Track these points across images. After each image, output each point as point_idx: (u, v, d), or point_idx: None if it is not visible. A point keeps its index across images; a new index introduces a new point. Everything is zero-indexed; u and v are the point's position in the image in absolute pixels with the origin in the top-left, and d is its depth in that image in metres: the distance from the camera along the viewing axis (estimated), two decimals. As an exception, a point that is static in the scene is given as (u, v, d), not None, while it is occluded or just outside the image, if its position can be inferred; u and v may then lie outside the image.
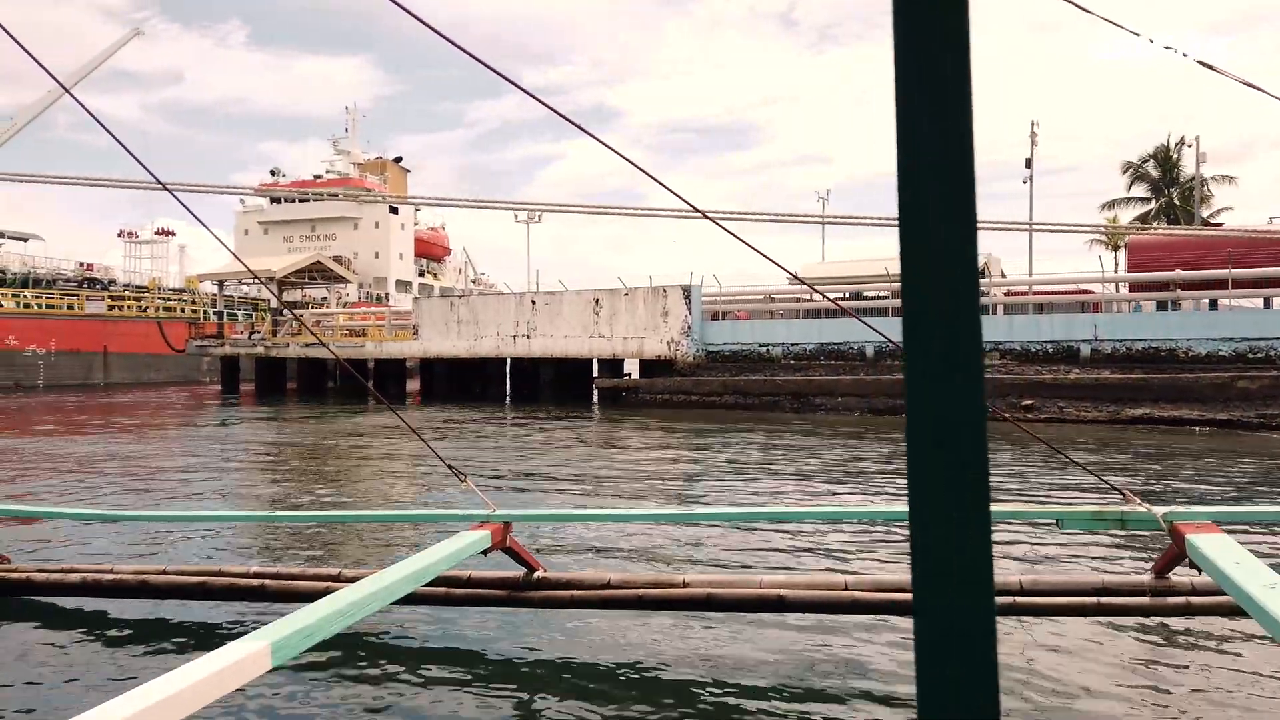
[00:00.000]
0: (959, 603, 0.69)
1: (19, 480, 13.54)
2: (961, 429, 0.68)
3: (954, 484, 0.68)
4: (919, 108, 0.68)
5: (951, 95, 0.68)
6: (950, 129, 0.68)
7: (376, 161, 78.41)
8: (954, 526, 0.68)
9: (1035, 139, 43.37)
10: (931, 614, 0.69)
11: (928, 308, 0.69)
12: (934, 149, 0.68)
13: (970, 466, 0.68)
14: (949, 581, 0.69)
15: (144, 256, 72.33)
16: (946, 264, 0.69)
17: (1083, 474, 12.11)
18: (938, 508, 0.69)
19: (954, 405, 0.68)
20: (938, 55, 0.67)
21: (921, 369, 0.69)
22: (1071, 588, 4.84)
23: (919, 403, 0.69)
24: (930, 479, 0.69)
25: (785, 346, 29.24)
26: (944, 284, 0.69)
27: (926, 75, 0.68)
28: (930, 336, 0.69)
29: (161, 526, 9.08)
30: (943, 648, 0.69)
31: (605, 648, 5.53)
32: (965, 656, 0.69)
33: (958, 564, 0.69)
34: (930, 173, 0.68)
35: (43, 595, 6.30)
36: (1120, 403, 22.46)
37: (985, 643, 0.68)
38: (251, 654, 3.24)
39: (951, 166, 0.68)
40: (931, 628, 0.69)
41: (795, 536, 8.66)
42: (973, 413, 0.68)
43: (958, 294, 0.68)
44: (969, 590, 0.69)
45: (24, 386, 43.92)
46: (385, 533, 9.08)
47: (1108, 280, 29.79)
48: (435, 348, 35.88)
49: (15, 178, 6.95)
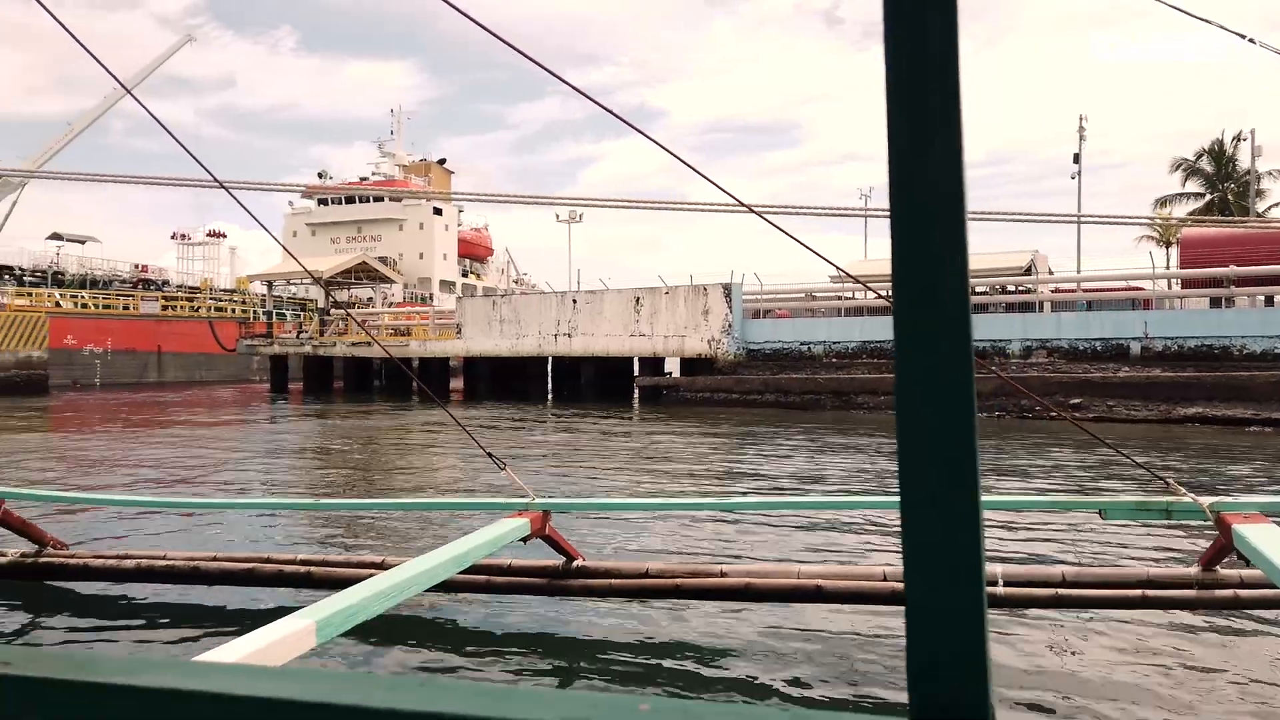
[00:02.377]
0: (949, 591, 0.69)
1: (79, 469, 13.96)
2: (950, 414, 0.68)
3: (943, 472, 0.69)
4: (909, 99, 0.69)
5: (938, 98, 0.68)
6: (938, 122, 0.68)
7: (421, 164, 79.35)
8: (943, 515, 0.69)
9: (1083, 134, 42.57)
10: (922, 602, 0.70)
11: (917, 292, 0.69)
12: (922, 142, 0.68)
13: (959, 452, 0.68)
14: (939, 570, 0.69)
15: (196, 258, 74.04)
16: (934, 247, 0.69)
17: (1127, 467, 11.89)
18: (926, 496, 0.69)
19: (943, 389, 0.69)
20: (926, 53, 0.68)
21: (911, 357, 0.69)
22: (1115, 580, 4.77)
23: (909, 389, 0.69)
24: (919, 466, 0.69)
25: (827, 345, 29.03)
26: (933, 266, 0.69)
27: (914, 67, 0.68)
28: (918, 323, 0.69)
29: (212, 514, 9.32)
30: (934, 640, 0.69)
31: (644, 636, 5.57)
32: (957, 649, 0.69)
33: (947, 553, 0.69)
34: (920, 157, 0.69)
35: (99, 580, 6.50)
36: (1171, 402, 21.96)
37: (976, 635, 0.68)
38: (296, 631, 3.33)
39: (941, 155, 0.68)
40: (922, 620, 0.70)
41: (833, 527, 8.62)
42: (961, 397, 0.68)
43: (947, 276, 0.68)
44: (959, 579, 0.69)
45: (82, 385, 45.14)
46: (427, 521, 9.22)
47: (1159, 276, 29.13)
48: (478, 347, 36.22)
49: (80, 177, 7.17)
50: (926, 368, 0.69)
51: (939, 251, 0.68)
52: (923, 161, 0.69)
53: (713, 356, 30.25)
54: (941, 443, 0.69)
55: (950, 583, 0.69)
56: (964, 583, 0.69)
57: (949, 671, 0.69)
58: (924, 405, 0.69)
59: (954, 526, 0.68)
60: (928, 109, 0.69)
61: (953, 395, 0.68)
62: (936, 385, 0.69)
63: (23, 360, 38.97)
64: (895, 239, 0.70)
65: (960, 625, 0.69)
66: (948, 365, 0.68)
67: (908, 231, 0.69)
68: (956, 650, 0.69)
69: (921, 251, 0.69)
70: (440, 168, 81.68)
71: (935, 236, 0.69)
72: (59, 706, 0.70)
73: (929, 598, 0.69)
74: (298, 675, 0.69)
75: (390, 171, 76.10)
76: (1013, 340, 26.28)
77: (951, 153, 0.68)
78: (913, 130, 0.69)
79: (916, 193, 0.69)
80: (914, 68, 0.69)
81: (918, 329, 0.69)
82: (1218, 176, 47.48)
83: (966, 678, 0.69)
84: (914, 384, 0.69)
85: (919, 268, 0.69)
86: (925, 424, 0.69)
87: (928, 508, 0.69)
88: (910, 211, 0.69)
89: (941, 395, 0.69)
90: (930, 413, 0.69)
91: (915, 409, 0.69)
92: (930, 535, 0.69)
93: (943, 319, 0.68)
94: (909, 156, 0.69)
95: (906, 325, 0.69)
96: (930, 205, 0.69)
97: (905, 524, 0.70)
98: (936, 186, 0.68)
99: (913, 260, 0.69)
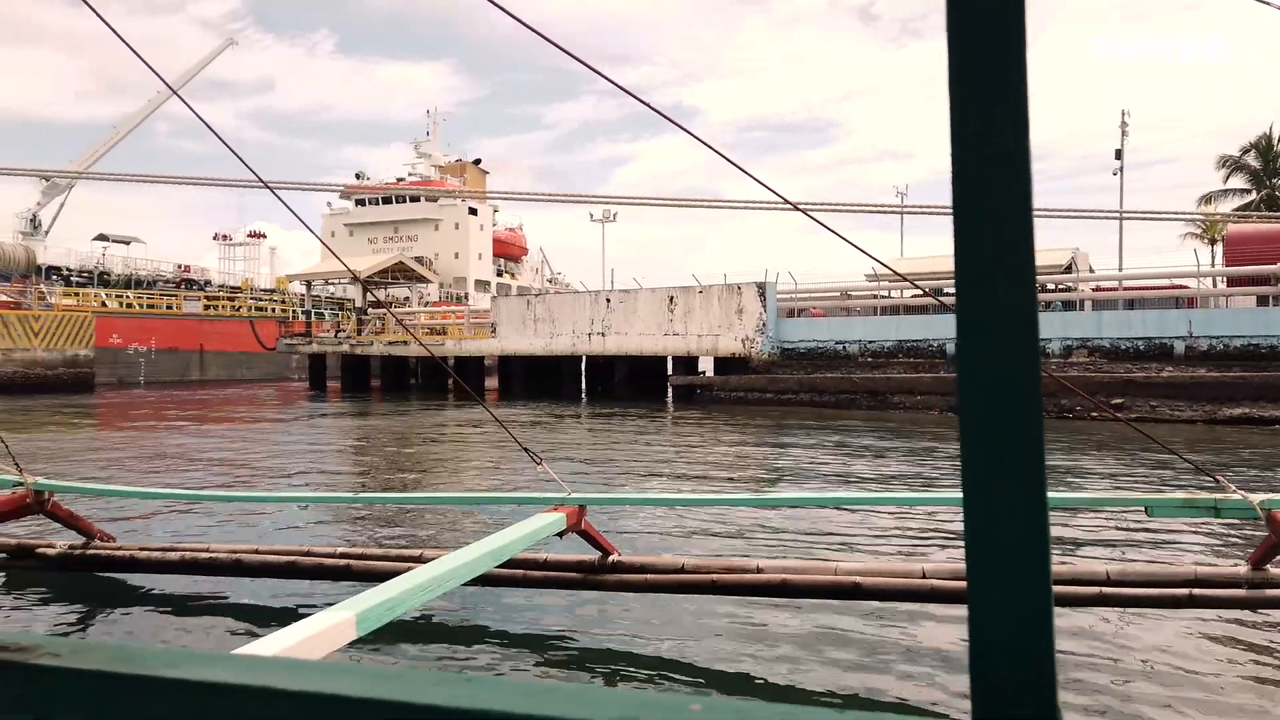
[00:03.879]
0: (1015, 592, 0.67)
1: (127, 464, 14.24)
2: (1017, 410, 0.67)
3: (1010, 469, 0.67)
4: (974, 98, 0.68)
5: (1007, 87, 0.67)
6: (1007, 118, 0.67)
7: (457, 164, 79.95)
8: (1010, 513, 0.67)
9: (1126, 130, 41.91)
10: (987, 604, 0.68)
11: (983, 293, 0.68)
12: (990, 140, 0.67)
13: (1026, 449, 0.67)
14: (1004, 569, 0.68)
15: (237, 258, 75.28)
16: (1002, 242, 0.67)
17: (1170, 467, 11.67)
18: (993, 494, 0.68)
19: (1009, 386, 0.67)
20: (993, 47, 0.67)
21: (975, 353, 0.68)
22: (1162, 578, 4.68)
23: (972, 385, 0.68)
24: (985, 464, 0.68)
25: (862, 344, 28.80)
26: (1001, 263, 0.67)
27: (980, 64, 0.67)
28: (985, 320, 0.68)
29: (255, 507, 9.47)
30: (999, 639, 0.68)
31: (679, 632, 5.56)
32: (1022, 648, 0.67)
33: (1014, 553, 0.67)
34: (987, 160, 0.67)
35: (145, 572, 6.63)
36: (1217, 402, 21.51)
37: (1043, 634, 0.67)
38: (337, 623, 3.37)
39: (1008, 156, 0.67)
40: (987, 618, 0.68)
41: (870, 524, 8.55)
42: (1028, 393, 0.67)
43: (1013, 273, 0.67)
44: (1025, 578, 0.67)
45: (127, 383, 46.04)
46: (464, 515, 9.30)
47: (1203, 274, 28.52)
48: (512, 345, 36.40)
49: (128, 178, 7.32)
50: (992, 366, 0.68)
51: (1005, 249, 0.67)
52: (989, 158, 0.67)
53: (747, 356, 30.14)
54: (1009, 441, 0.67)
55: (1016, 582, 0.67)
56: (1031, 582, 0.67)
57: (1014, 673, 0.67)
58: (989, 403, 0.68)
59: (1020, 525, 0.67)
60: (994, 105, 0.67)
61: (1019, 393, 0.67)
62: (1002, 384, 0.67)
63: (70, 359, 39.85)
64: (959, 236, 0.68)
65: (1026, 626, 0.67)
66: (1014, 363, 0.67)
67: (972, 228, 0.68)
68: (1022, 651, 0.67)
69: (986, 249, 0.68)
70: (475, 168, 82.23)
71: (1000, 233, 0.68)
72: (106, 699, 0.70)
73: (993, 598, 0.68)
74: (342, 670, 0.69)
75: (426, 172, 76.78)
76: (1053, 339, 25.88)
77: (1019, 150, 0.67)
78: (978, 125, 0.68)
79: (982, 189, 0.68)
80: (979, 59, 0.67)
81: (984, 326, 0.68)
82: (1265, 172, 46.41)
83: (1033, 679, 0.67)
84: (978, 382, 0.68)
85: (983, 265, 0.68)
86: (992, 423, 0.68)
87: (993, 506, 0.68)
88: (975, 208, 0.68)
89: (1008, 394, 0.67)
90: (997, 411, 0.68)
91: (980, 407, 0.68)
92: (995, 533, 0.68)
93: (1009, 315, 0.67)
94: (974, 152, 0.68)
95: (970, 323, 0.68)
96: (996, 202, 0.68)
97: (969, 522, 0.68)
98: (1002, 184, 0.67)
99: (977, 258, 0.68)
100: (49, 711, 0.72)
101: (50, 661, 0.72)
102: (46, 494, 6.47)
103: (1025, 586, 0.67)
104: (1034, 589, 0.67)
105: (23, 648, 0.74)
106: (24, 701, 0.72)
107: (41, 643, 0.75)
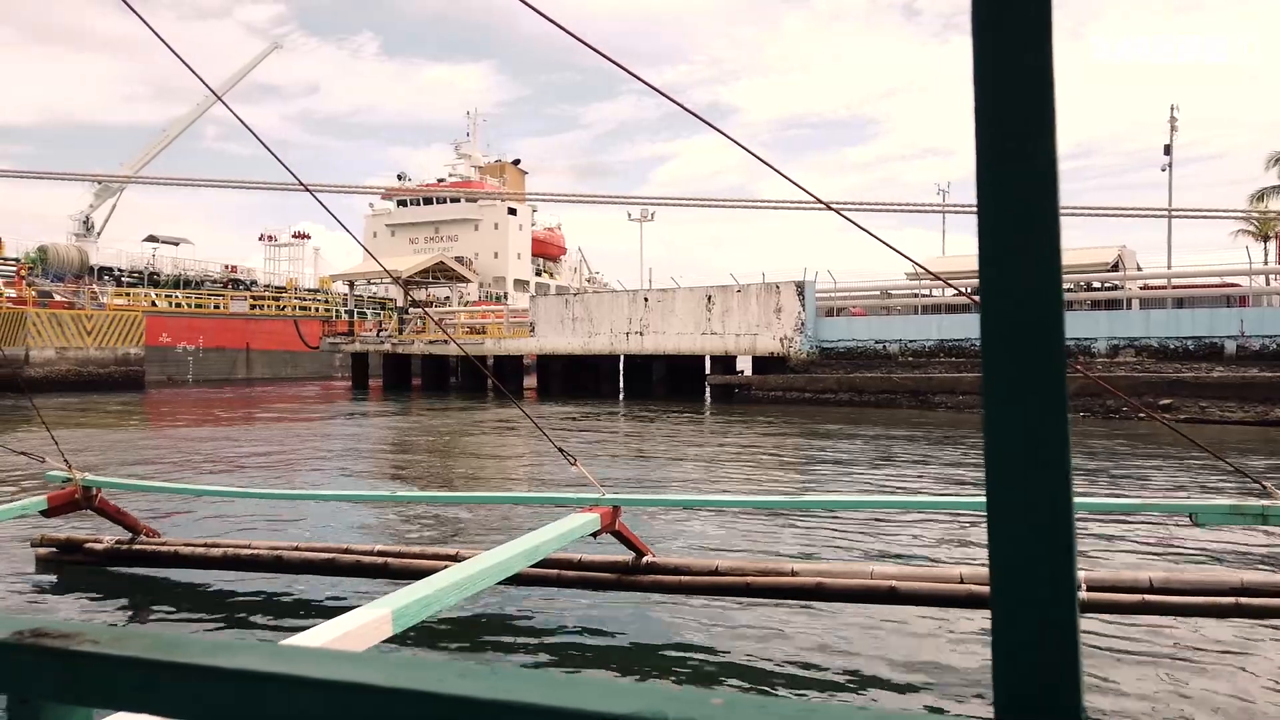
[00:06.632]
0: (1040, 595, 0.66)
1: (174, 461, 14.55)
2: (1042, 414, 0.66)
3: (1035, 472, 0.66)
4: (1000, 98, 0.67)
5: (1033, 88, 0.66)
6: (1032, 118, 0.66)
7: (496, 165, 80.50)
8: (1035, 515, 0.66)
9: (1175, 124, 40.96)
10: (1010, 606, 0.67)
11: (1006, 289, 0.67)
12: (1016, 139, 0.66)
13: (1051, 452, 0.66)
14: (1029, 574, 0.66)
15: (282, 259, 76.28)
16: (1027, 243, 0.66)
17: (1219, 470, 11.39)
18: (1017, 496, 0.67)
19: (1034, 389, 0.66)
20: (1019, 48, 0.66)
21: (999, 357, 0.67)
22: (1207, 586, 4.57)
23: (996, 388, 0.67)
24: (1009, 466, 0.67)
25: (903, 343, 28.50)
26: (1023, 262, 0.66)
27: (1006, 65, 0.67)
28: (1010, 320, 0.67)
29: (296, 504, 9.62)
30: (1022, 641, 0.67)
31: (715, 633, 5.55)
32: (1046, 652, 0.66)
33: (1039, 555, 0.66)
34: (1011, 157, 0.67)
35: (188, 567, 6.77)
36: (1270, 403, 20.96)
37: (1067, 638, 0.66)
38: (374, 619, 3.43)
39: (1033, 154, 0.66)
40: (1010, 620, 0.67)
41: (908, 528, 8.46)
42: (1053, 396, 0.66)
43: (1038, 272, 0.66)
44: (1050, 583, 0.66)
45: (176, 381, 47.05)
46: (500, 515, 9.36)
47: (1256, 273, 27.79)
48: (551, 345, 36.58)
49: (173, 181, 7.49)
50: (1016, 368, 0.67)
51: (1030, 247, 0.66)
52: (1013, 155, 0.67)
53: (785, 355, 29.97)
54: (1032, 444, 0.66)
55: (1041, 587, 0.66)
56: (1055, 585, 0.66)
57: (1038, 676, 0.66)
58: (1014, 405, 0.67)
59: (1045, 529, 0.66)
60: (1019, 102, 0.66)
61: (1044, 395, 0.66)
62: (1027, 385, 0.66)
63: (121, 357, 40.84)
64: (982, 235, 0.67)
65: (1050, 629, 0.66)
66: (1038, 364, 0.66)
67: (996, 226, 0.67)
68: (1047, 657, 0.66)
69: (1011, 247, 0.67)
70: (515, 168, 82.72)
71: (1026, 232, 0.66)
72: (145, 685, 0.72)
73: (1018, 602, 0.67)
74: (371, 661, 0.70)
75: (466, 173, 77.39)
76: (1099, 339, 25.40)
77: (1045, 147, 0.66)
78: (1003, 123, 0.67)
79: (1006, 187, 0.67)
80: (1004, 58, 0.67)
81: (1007, 327, 0.67)
82: (1320, 168, 45.03)
83: (1057, 683, 0.66)
84: (1002, 384, 0.67)
85: (1008, 265, 0.67)
86: (1016, 425, 0.67)
87: (1018, 509, 0.67)
88: (999, 206, 0.67)
89: (1032, 395, 0.66)
90: (1021, 413, 0.67)
91: (1004, 409, 0.67)
92: (1020, 537, 0.67)
93: (1034, 316, 0.66)
94: (998, 150, 0.67)
95: (995, 323, 0.67)
96: (1021, 200, 0.67)
97: (993, 526, 0.68)
98: (1028, 181, 0.66)
99: (1002, 257, 0.67)
100: (88, 696, 0.74)
101: (90, 648, 0.74)
102: (95, 490, 6.64)
103: (1050, 589, 0.66)
104: (1058, 591, 0.66)
105: (64, 634, 0.76)
106: (65, 687, 0.74)
107: (82, 629, 0.77)
